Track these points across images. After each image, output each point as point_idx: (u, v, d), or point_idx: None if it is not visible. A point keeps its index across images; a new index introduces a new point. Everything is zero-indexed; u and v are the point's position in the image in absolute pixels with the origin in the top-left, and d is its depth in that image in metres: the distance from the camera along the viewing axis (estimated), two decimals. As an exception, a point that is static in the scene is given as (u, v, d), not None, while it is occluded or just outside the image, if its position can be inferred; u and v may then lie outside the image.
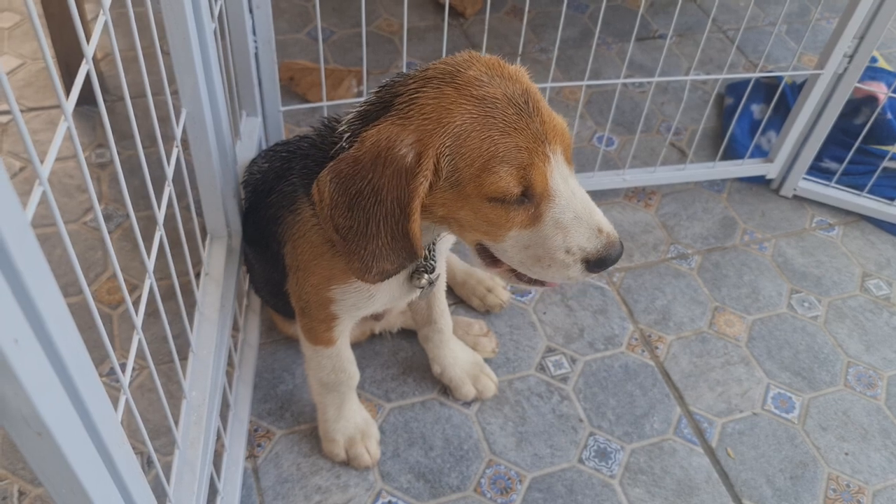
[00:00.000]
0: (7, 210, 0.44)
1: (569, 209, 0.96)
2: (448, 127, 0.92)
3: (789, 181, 1.96)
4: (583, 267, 0.98)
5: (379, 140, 0.94)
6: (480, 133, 0.92)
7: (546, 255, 0.98)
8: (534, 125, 0.93)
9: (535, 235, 0.97)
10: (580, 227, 0.96)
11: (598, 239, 0.97)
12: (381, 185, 0.94)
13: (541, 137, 0.94)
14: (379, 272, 1.00)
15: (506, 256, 1.02)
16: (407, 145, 0.93)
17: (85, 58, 0.68)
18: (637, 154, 2.03)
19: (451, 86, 0.94)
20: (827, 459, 1.47)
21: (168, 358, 1.46)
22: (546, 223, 0.96)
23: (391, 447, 1.43)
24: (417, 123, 0.93)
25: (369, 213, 0.96)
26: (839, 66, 1.74)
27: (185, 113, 1.14)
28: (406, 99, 0.95)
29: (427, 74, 0.96)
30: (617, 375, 1.57)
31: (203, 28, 1.10)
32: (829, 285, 1.79)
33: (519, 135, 0.92)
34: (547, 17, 2.47)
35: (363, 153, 0.95)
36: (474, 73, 0.95)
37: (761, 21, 2.55)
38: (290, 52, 2.21)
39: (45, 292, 0.49)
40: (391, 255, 0.99)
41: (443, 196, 0.96)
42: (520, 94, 0.94)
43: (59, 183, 1.78)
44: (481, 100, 0.93)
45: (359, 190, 0.95)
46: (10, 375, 0.46)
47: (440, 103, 0.93)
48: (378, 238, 0.97)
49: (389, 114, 0.96)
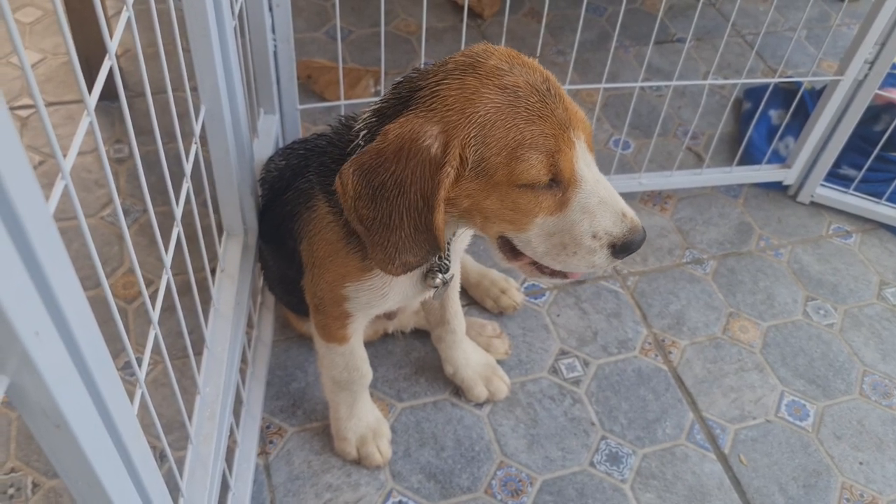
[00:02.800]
0: (30, 203, 0.44)
1: (594, 194, 0.97)
2: (473, 117, 0.93)
3: (807, 187, 1.95)
4: (608, 252, 0.99)
5: (403, 132, 0.94)
6: (506, 121, 0.92)
7: (572, 242, 0.98)
8: (558, 112, 0.94)
9: (562, 221, 0.98)
10: (606, 211, 0.97)
11: (623, 223, 0.98)
12: (405, 176, 0.94)
13: (565, 124, 0.94)
14: (402, 264, 1.00)
15: (529, 247, 1.02)
16: (432, 136, 0.93)
17: (108, 53, 0.69)
18: (653, 158, 2.02)
19: (473, 76, 0.94)
20: (841, 468, 1.46)
21: (183, 353, 1.47)
22: (573, 208, 0.97)
23: (402, 447, 1.43)
24: (441, 115, 0.93)
25: (392, 205, 0.96)
26: (859, 72, 1.72)
27: (204, 110, 1.15)
28: (427, 92, 0.95)
29: (447, 67, 0.97)
30: (630, 379, 1.57)
31: (223, 25, 1.11)
32: (845, 293, 1.78)
33: (544, 122, 0.93)
34: (565, 19, 2.46)
35: (387, 145, 0.95)
36: (495, 63, 0.95)
37: (781, 26, 2.53)
38: (309, 51, 2.22)
39: (66, 285, 0.49)
40: (414, 247, 0.99)
41: (469, 186, 0.96)
42: (541, 82, 0.95)
43: (77, 177, 1.79)
44: (504, 88, 0.93)
45: (382, 182, 0.95)
46: (30, 368, 0.47)
47: (463, 94, 0.93)
48: (401, 230, 0.97)
49: (410, 108, 0.96)
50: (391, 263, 1.00)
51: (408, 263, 1.01)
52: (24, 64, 0.51)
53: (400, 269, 1.01)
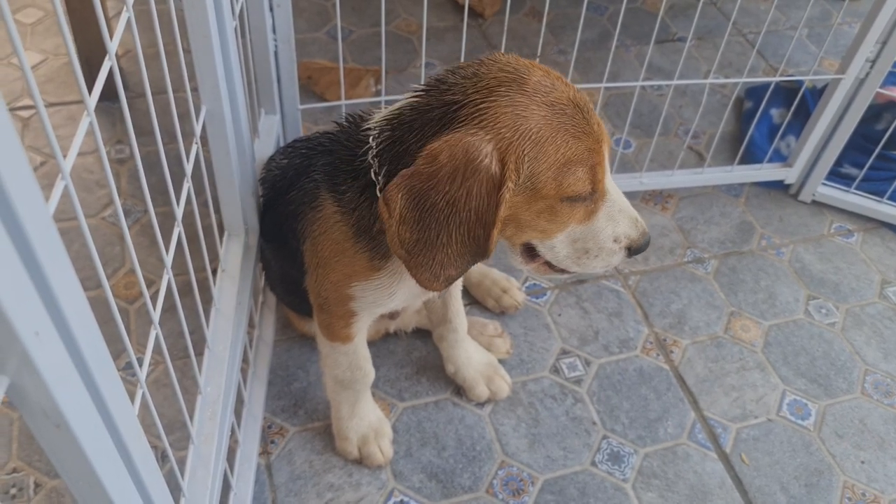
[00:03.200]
0: (30, 204, 0.44)
1: (616, 203, 1.05)
2: (526, 133, 0.95)
3: (808, 186, 1.95)
4: (625, 253, 1.08)
5: (455, 152, 0.94)
6: (556, 138, 0.96)
7: (595, 247, 1.06)
8: (593, 128, 0.99)
9: (588, 230, 1.05)
10: (625, 218, 1.06)
11: (637, 227, 1.07)
12: (460, 196, 0.95)
13: (599, 139, 1.00)
14: (446, 278, 1.02)
15: (552, 252, 1.07)
16: (487, 154, 0.94)
17: (108, 54, 0.69)
18: (655, 157, 2.02)
19: (521, 93, 0.96)
20: (843, 467, 1.46)
21: (184, 353, 1.47)
22: (599, 217, 1.05)
23: (404, 446, 1.43)
24: (494, 132, 0.95)
25: (441, 225, 0.97)
26: (861, 70, 1.72)
27: (204, 110, 1.15)
28: (473, 109, 0.96)
29: (487, 83, 0.97)
30: (631, 379, 1.56)
31: (224, 26, 1.11)
32: (847, 292, 1.77)
33: (588, 138, 0.99)
34: (566, 18, 2.46)
35: (439, 167, 0.94)
36: (537, 79, 0.98)
37: (782, 25, 2.53)
38: (309, 51, 2.22)
39: (66, 285, 0.49)
40: (458, 260, 1.01)
41: (513, 200, 0.98)
42: (579, 99, 0.99)
43: (78, 178, 1.79)
44: (552, 105, 0.97)
45: (433, 203, 0.96)
46: (30, 368, 0.47)
47: (515, 111, 0.95)
48: (448, 247, 0.99)
49: (456, 127, 0.96)
50: (437, 280, 1.02)
51: (450, 277, 1.03)
52: (24, 65, 0.51)
53: (444, 284, 1.03)
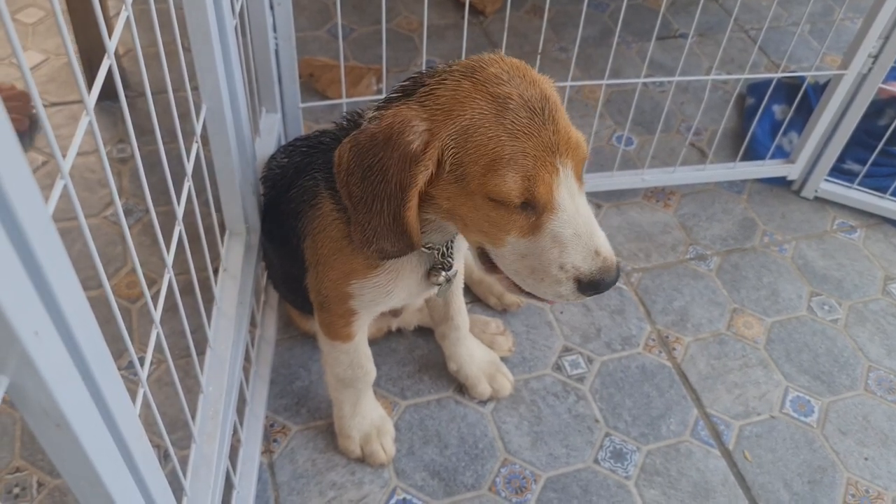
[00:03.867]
0: (29, 204, 0.44)
1: (569, 225, 0.94)
2: (457, 120, 0.92)
3: (811, 182, 1.94)
4: (574, 286, 0.96)
5: (393, 122, 0.95)
6: (488, 131, 0.91)
7: (540, 268, 0.96)
8: (545, 133, 0.92)
9: (533, 246, 0.96)
10: (578, 245, 0.94)
11: (593, 261, 0.95)
12: (389, 165, 0.95)
13: (551, 147, 0.92)
14: (378, 249, 1.02)
15: (503, 263, 1.01)
16: (417, 132, 0.94)
17: (107, 53, 0.69)
18: (656, 154, 2.02)
19: (470, 80, 0.94)
20: (846, 464, 1.46)
21: (186, 352, 1.47)
22: (544, 235, 0.95)
23: (406, 445, 1.43)
24: (431, 112, 0.94)
25: (376, 190, 0.97)
26: (863, 66, 1.72)
27: (205, 109, 1.15)
28: (427, 90, 0.96)
29: (451, 69, 0.97)
30: (634, 376, 1.56)
31: (224, 24, 1.11)
32: (850, 288, 1.77)
33: (528, 140, 0.91)
34: (567, 15, 2.46)
35: (379, 131, 0.96)
36: (494, 71, 0.94)
37: (784, 21, 2.52)
38: (310, 49, 2.22)
39: (65, 285, 0.49)
40: (390, 236, 1.00)
41: (447, 189, 0.97)
42: (537, 99, 0.93)
43: (80, 177, 1.79)
44: (495, 98, 0.92)
45: (370, 164, 0.97)
46: (30, 367, 0.47)
47: (455, 95, 0.94)
48: (381, 216, 0.99)
49: (408, 99, 0.97)
50: (368, 246, 1.02)
51: (384, 251, 1.02)
52: (23, 65, 0.51)
53: (376, 255, 1.03)
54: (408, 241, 1.00)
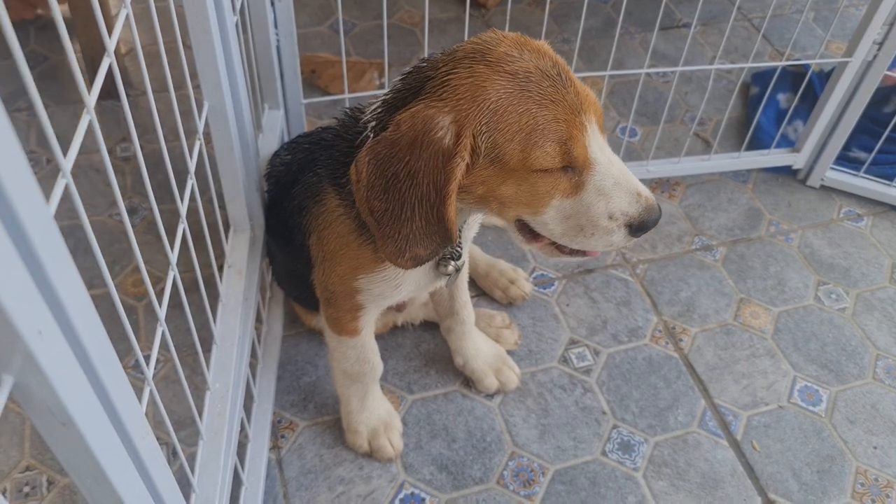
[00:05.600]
0: (30, 203, 0.44)
1: (609, 176, 0.97)
2: (484, 104, 0.92)
3: (816, 171, 1.93)
4: (626, 231, 1.00)
5: (415, 122, 0.94)
6: (518, 107, 0.92)
7: (589, 224, 0.99)
8: (569, 96, 0.94)
9: (578, 204, 0.98)
10: (621, 192, 0.98)
11: (638, 203, 0.99)
12: (418, 168, 0.94)
13: (577, 108, 0.95)
14: (412, 257, 1.00)
15: (546, 229, 1.02)
16: (443, 127, 0.93)
17: (107, 52, 0.69)
18: (661, 145, 2.01)
19: (483, 63, 0.94)
20: (855, 453, 1.45)
21: (192, 350, 1.47)
22: (588, 191, 0.98)
23: (414, 439, 1.43)
24: (453, 104, 0.93)
25: (405, 197, 0.96)
26: (868, 53, 1.70)
27: (207, 106, 1.15)
28: (438, 82, 0.95)
29: (456, 56, 0.96)
30: (640, 368, 1.56)
31: (225, 22, 1.11)
32: (857, 277, 1.76)
33: (557, 106, 0.93)
34: (569, 7, 2.45)
35: (400, 136, 0.95)
36: (504, 49, 0.95)
37: (788, 9, 2.51)
38: (312, 45, 2.22)
39: (68, 284, 0.49)
40: (425, 239, 0.99)
41: (483, 174, 0.96)
42: (551, 67, 0.95)
43: (85, 177, 1.80)
44: (515, 74, 0.93)
45: (395, 172, 0.95)
46: (34, 366, 0.47)
47: (474, 82, 0.93)
48: (412, 222, 0.97)
49: (421, 97, 0.96)
50: (401, 256, 1.00)
51: (418, 256, 1.01)
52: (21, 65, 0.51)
53: (410, 263, 1.01)
54: (444, 239, 1.00)
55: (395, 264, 1.02)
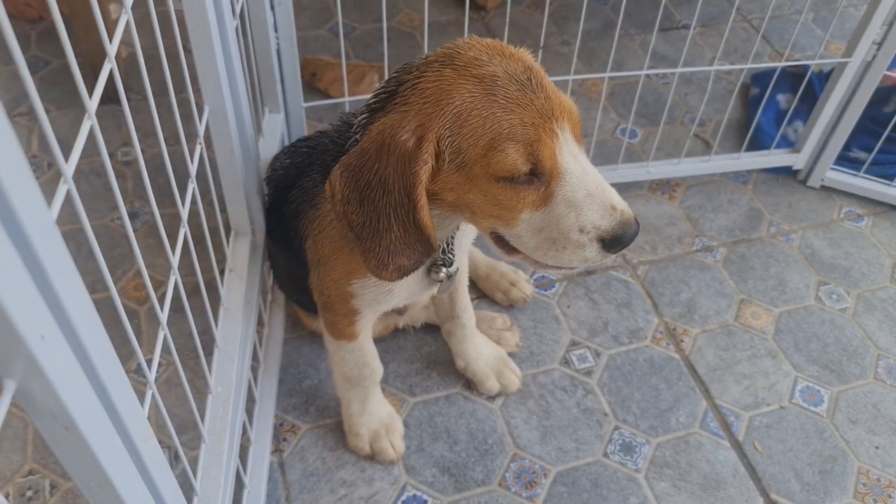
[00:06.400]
0: (33, 209, 0.44)
1: (580, 187, 0.93)
2: (447, 108, 0.91)
3: (816, 171, 1.93)
4: (599, 247, 0.95)
5: (383, 129, 0.94)
6: (482, 111, 0.90)
7: (560, 237, 0.95)
8: (538, 101, 0.91)
9: (548, 216, 0.95)
10: (593, 204, 0.93)
11: (612, 216, 0.94)
12: (387, 174, 0.93)
13: (547, 113, 0.91)
14: (396, 268, 0.99)
15: (520, 243, 1.00)
16: (408, 131, 0.92)
17: (108, 57, 0.69)
18: (661, 146, 2.01)
19: (450, 67, 0.93)
20: (857, 453, 1.45)
21: (194, 353, 1.47)
22: (558, 202, 0.94)
23: (415, 441, 1.43)
24: (418, 108, 0.92)
25: (379, 206, 0.95)
26: (867, 53, 1.71)
27: (207, 110, 1.15)
28: (409, 86, 0.95)
29: (428, 60, 0.96)
30: (642, 369, 1.56)
31: (224, 26, 1.11)
32: (857, 277, 1.76)
33: (523, 111, 0.90)
34: (569, 9, 2.45)
35: (369, 144, 0.94)
36: (473, 54, 0.93)
37: (787, 9, 2.51)
38: (312, 49, 2.22)
39: (70, 289, 0.49)
40: (406, 249, 0.98)
41: (450, 180, 0.95)
42: (522, 72, 0.92)
43: (87, 181, 1.80)
44: (481, 78, 0.91)
45: (367, 182, 0.95)
46: (37, 371, 0.47)
47: (439, 85, 0.92)
48: (391, 232, 0.96)
49: (393, 103, 0.96)
50: (385, 269, 0.99)
51: (402, 267, 1.00)
52: (23, 70, 0.52)
53: (395, 275, 1.00)
54: (426, 247, 0.98)
55: (380, 277, 1.00)
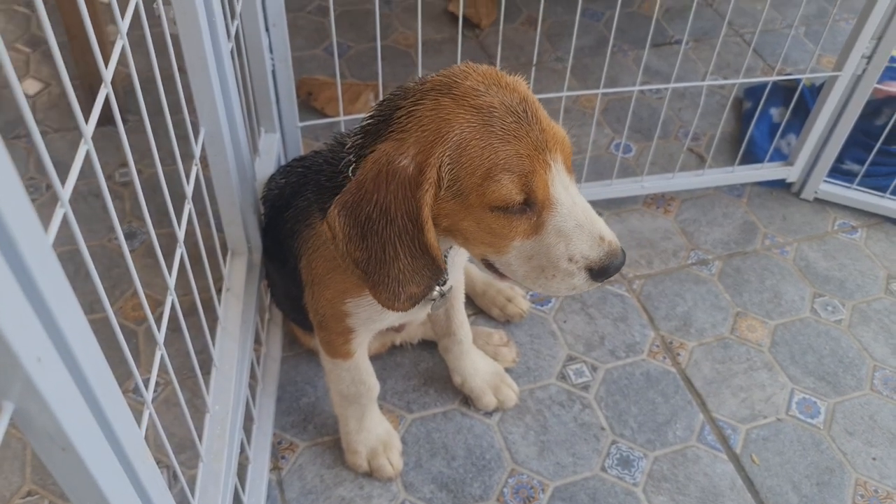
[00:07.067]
0: (29, 233, 0.45)
1: (570, 217, 0.96)
2: (448, 136, 0.92)
3: (810, 184, 1.95)
4: (587, 275, 0.98)
5: (379, 158, 0.94)
6: (480, 142, 0.92)
7: (550, 265, 0.98)
8: (533, 133, 0.93)
9: (538, 245, 0.97)
10: (582, 234, 0.96)
11: (600, 247, 0.97)
12: (388, 202, 0.94)
13: (541, 145, 0.93)
14: (408, 297, 1.00)
15: (510, 270, 1.02)
16: (408, 157, 0.93)
17: (104, 82, 0.70)
18: (655, 160, 2.03)
19: (448, 97, 0.94)
20: (854, 465, 1.46)
21: (192, 373, 1.48)
22: (548, 231, 0.96)
23: (413, 458, 1.43)
24: (416, 136, 0.94)
25: (384, 237, 0.96)
26: (857, 67, 1.72)
27: (203, 131, 1.16)
28: (404, 112, 0.96)
29: (424, 87, 0.97)
30: (638, 383, 1.57)
31: (220, 48, 1.12)
32: (852, 288, 1.77)
33: (519, 142, 0.93)
34: (562, 26, 2.47)
35: (365, 175, 0.95)
36: (471, 84, 0.95)
37: (778, 24, 2.53)
38: (308, 68, 2.24)
39: (67, 311, 0.50)
40: (415, 276, 0.99)
41: (445, 207, 0.96)
42: (518, 103, 0.94)
43: (84, 202, 1.81)
44: (479, 109, 0.93)
45: (368, 214, 0.95)
46: (34, 392, 0.47)
47: (438, 115, 0.93)
48: (398, 261, 0.97)
49: (389, 130, 0.96)
50: (397, 300, 1.00)
51: (413, 296, 1.01)
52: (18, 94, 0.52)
53: (407, 304, 1.01)
54: (434, 271, 0.99)
55: (393, 309, 1.01)
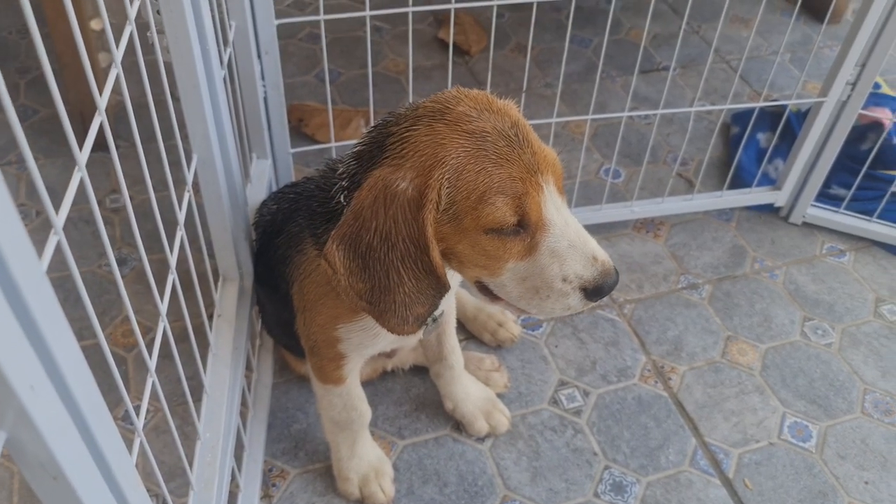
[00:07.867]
0: (23, 261, 0.45)
1: (563, 238, 0.97)
2: (445, 160, 0.93)
3: (798, 208, 1.97)
4: (581, 295, 0.99)
5: (375, 185, 0.95)
6: (475, 166, 0.93)
7: (544, 286, 0.99)
8: (525, 156, 0.95)
9: (532, 266, 0.98)
10: (575, 255, 0.97)
11: (593, 267, 0.98)
12: (389, 227, 0.95)
13: (533, 168, 0.95)
14: (415, 319, 1.01)
15: (504, 292, 1.03)
16: (406, 180, 0.94)
17: (98, 110, 0.71)
18: (644, 185, 2.04)
19: (442, 122, 0.95)
20: (846, 488, 1.46)
21: (182, 399, 1.47)
22: (542, 252, 0.97)
23: (405, 484, 1.43)
24: (413, 161, 0.94)
25: (386, 263, 0.96)
26: (842, 93, 1.75)
27: (195, 158, 1.16)
28: (397, 139, 0.97)
29: (417, 114, 0.98)
30: (630, 407, 1.56)
31: (212, 75, 1.13)
32: (842, 312, 1.78)
33: (512, 166, 0.94)
34: (551, 52, 2.50)
35: (361, 203, 0.95)
36: (463, 109, 0.96)
37: (764, 50, 2.57)
38: (299, 94, 2.25)
39: (60, 340, 0.50)
40: (420, 297, 0.99)
41: (442, 230, 0.97)
42: (509, 127, 0.96)
43: (76, 227, 1.81)
44: (472, 134, 0.94)
45: (368, 244, 0.96)
46: (26, 421, 0.47)
47: (433, 139, 0.94)
48: (402, 285, 0.97)
49: (384, 156, 0.97)
50: (406, 324, 1.00)
51: (420, 316, 1.01)
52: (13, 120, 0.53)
53: (416, 326, 1.01)
54: (438, 288, 1.00)
55: (403, 333, 1.02)
